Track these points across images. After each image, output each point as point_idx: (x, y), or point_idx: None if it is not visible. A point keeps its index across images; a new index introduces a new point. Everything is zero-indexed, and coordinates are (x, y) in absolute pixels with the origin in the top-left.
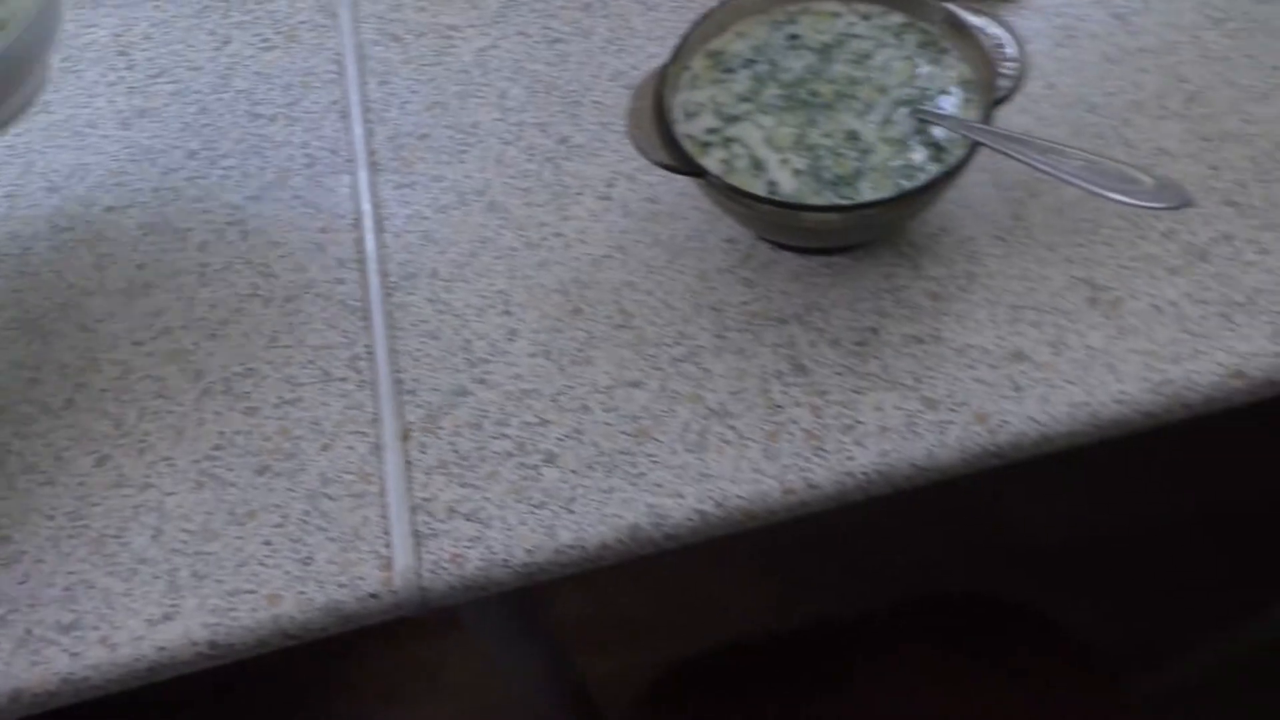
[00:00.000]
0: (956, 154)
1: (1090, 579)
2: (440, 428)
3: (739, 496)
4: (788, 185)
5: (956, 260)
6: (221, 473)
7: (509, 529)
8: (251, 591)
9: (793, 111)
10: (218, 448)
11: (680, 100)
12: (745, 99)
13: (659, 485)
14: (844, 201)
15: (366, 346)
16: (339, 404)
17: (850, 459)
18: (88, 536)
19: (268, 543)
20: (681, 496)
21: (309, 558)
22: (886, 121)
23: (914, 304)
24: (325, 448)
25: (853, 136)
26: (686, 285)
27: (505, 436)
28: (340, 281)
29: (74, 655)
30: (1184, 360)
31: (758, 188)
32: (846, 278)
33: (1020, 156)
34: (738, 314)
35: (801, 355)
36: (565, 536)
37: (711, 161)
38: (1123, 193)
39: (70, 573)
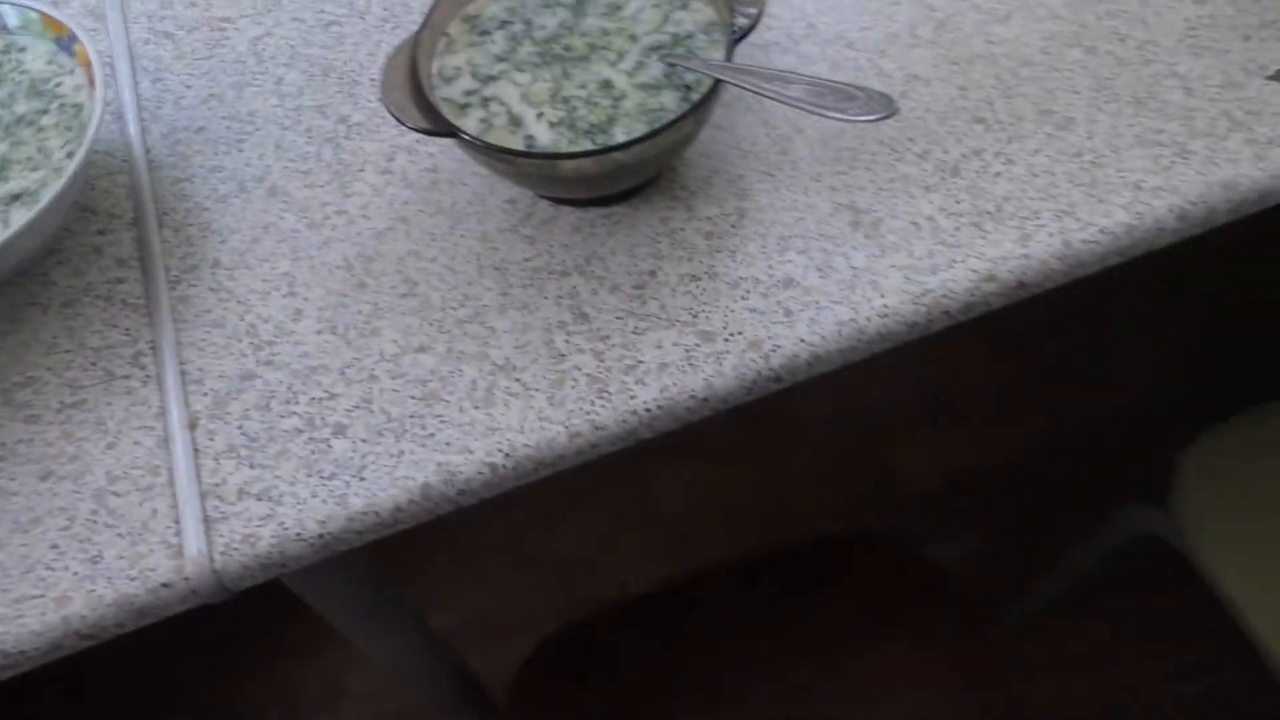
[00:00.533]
0: (703, 92)
1: (965, 517)
2: (228, 413)
3: (526, 445)
4: (544, 137)
5: (728, 199)
6: (4, 483)
7: (300, 503)
8: (39, 596)
9: (548, 66)
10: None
11: (437, 66)
12: (501, 59)
13: (448, 444)
14: (596, 147)
15: (150, 342)
16: (123, 402)
17: (633, 398)
18: None
19: (54, 546)
20: (471, 452)
21: (97, 556)
22: (638, 68)
23: (689, 244)
24: (110, 446)
25: (606, 85)
26: (469, 248)
27: (294, 414)
28: (120, 281)
29: None
30: (940, 270)
31: (515, 143)
32: (624, 226)
33: (752, 87)
34: (520, 271)
35: (583, 304)
36: (357, 504)
37: (470, 122)
38: (839, 110)
39: None
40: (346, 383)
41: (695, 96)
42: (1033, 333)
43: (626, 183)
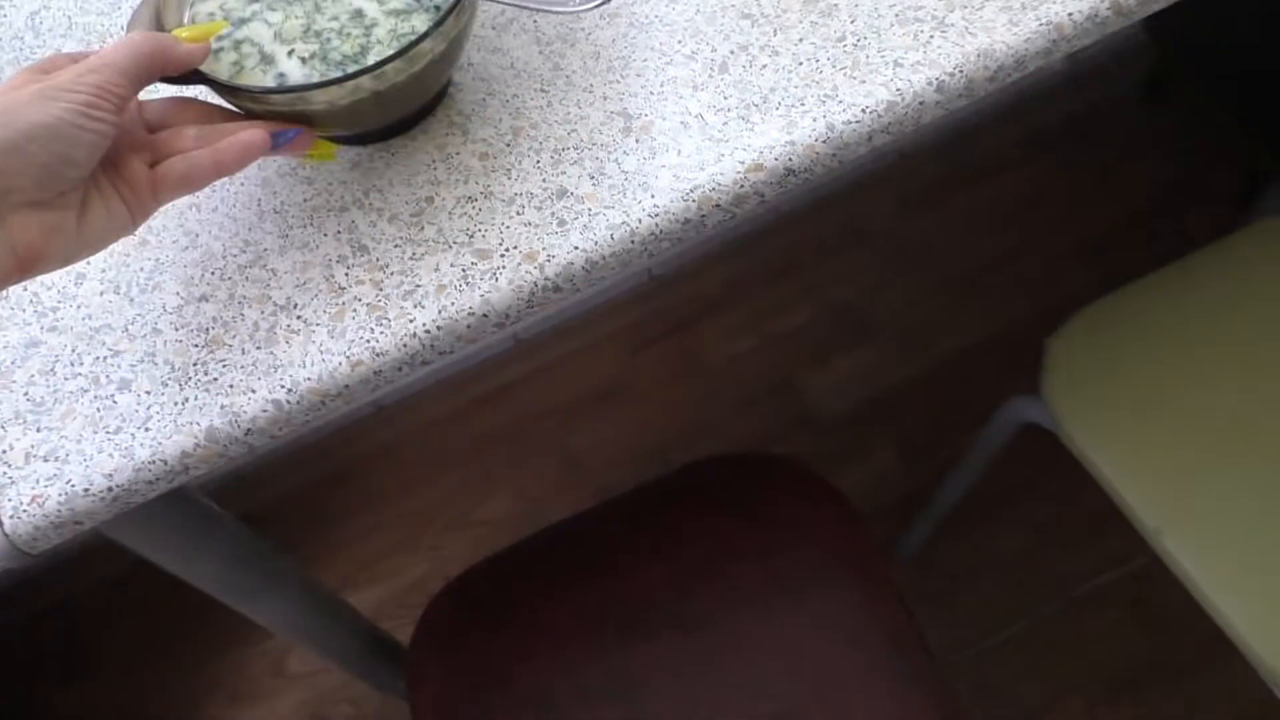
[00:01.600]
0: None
1: (878, 438)
2: (13, 382)
3: (309, 379)
4: (296, 74)
5: (503, 119)
6: None
7: (87, 459)
8: None
9: (300, 3)
10: None
11: (189, 15)
12: (254, 0)
13: (231, 386)
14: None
15: None
16: None
17: (411, 321)
18: None
19: None
20: (254, 391)
21: None
22: None
23: (466, 167)
24: None
25: (358, 15)
26: (250, 195)
27: (79, 375)
28: None
29: None
30: (709, 166)
31: (267, 82)
32: (401, 157)
33: None
34: (299, 212)
35: (362, 237)
36: (143, 454)
37: (222, 67)
38: (560, 4)
39: None
40: (130, 339)
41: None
42: (932, 244)
43: (395, 114)
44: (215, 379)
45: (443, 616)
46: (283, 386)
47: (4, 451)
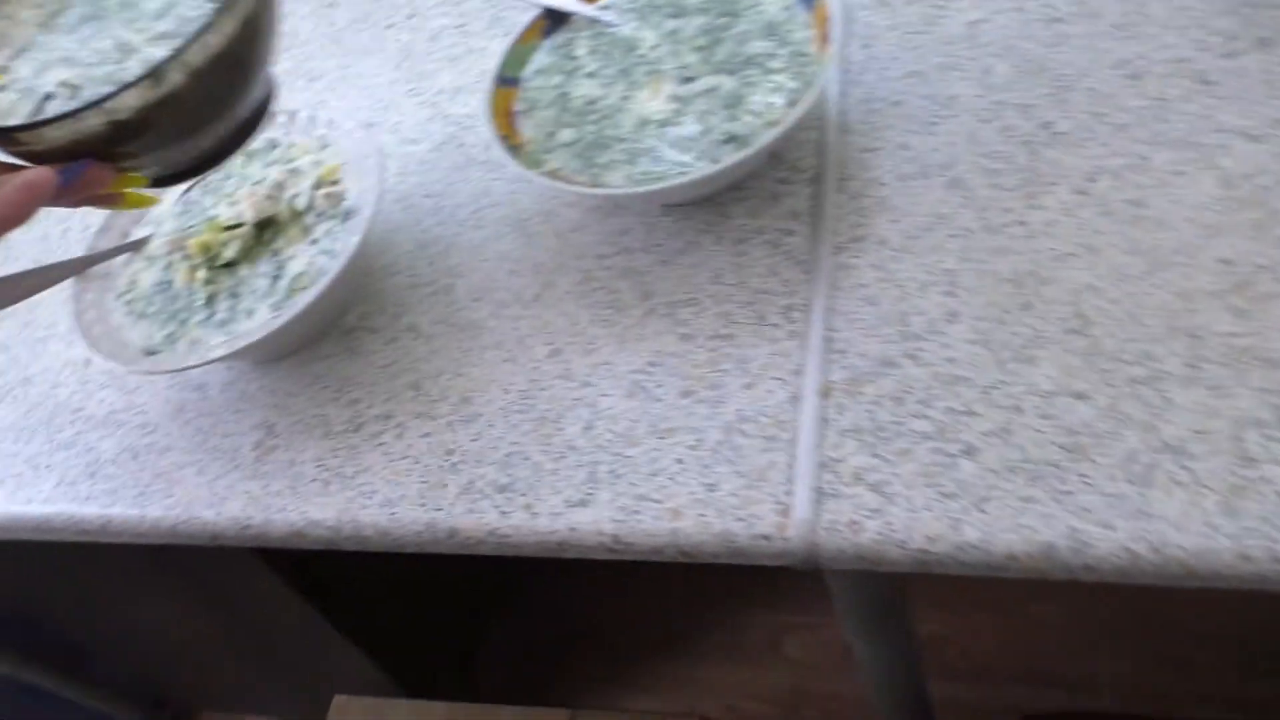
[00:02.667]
0: None
1: None
2: (861, 393)
3: (1181, 547)
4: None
5: None
6: (651, 387)
7: (913, 511)
8: (658, 501)
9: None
10: (652, 364)
11: None
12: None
13: (1086, 510)
14: None
15: (804, 300)
16: (767, 348)
17: None
18: (532, 414)
19: (680, 460)
20: (1111, 528)
21: (714, 485)
22: None
23: None
24: (748, 386)
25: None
26: (1162, 303)
27: (926, 417)
28: (789, 233)
29: (503, 514)
30: None
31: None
32: None
33: None
34: (1221, 346)
35: None
36: (971, 534)
37: None
38: None
39: (513, 442)
40: (988, 404)
41: None
42: None
43: (186, 132)
44: (1070, 493)
45: None
46: (1146, 539)
47: (836, 460)
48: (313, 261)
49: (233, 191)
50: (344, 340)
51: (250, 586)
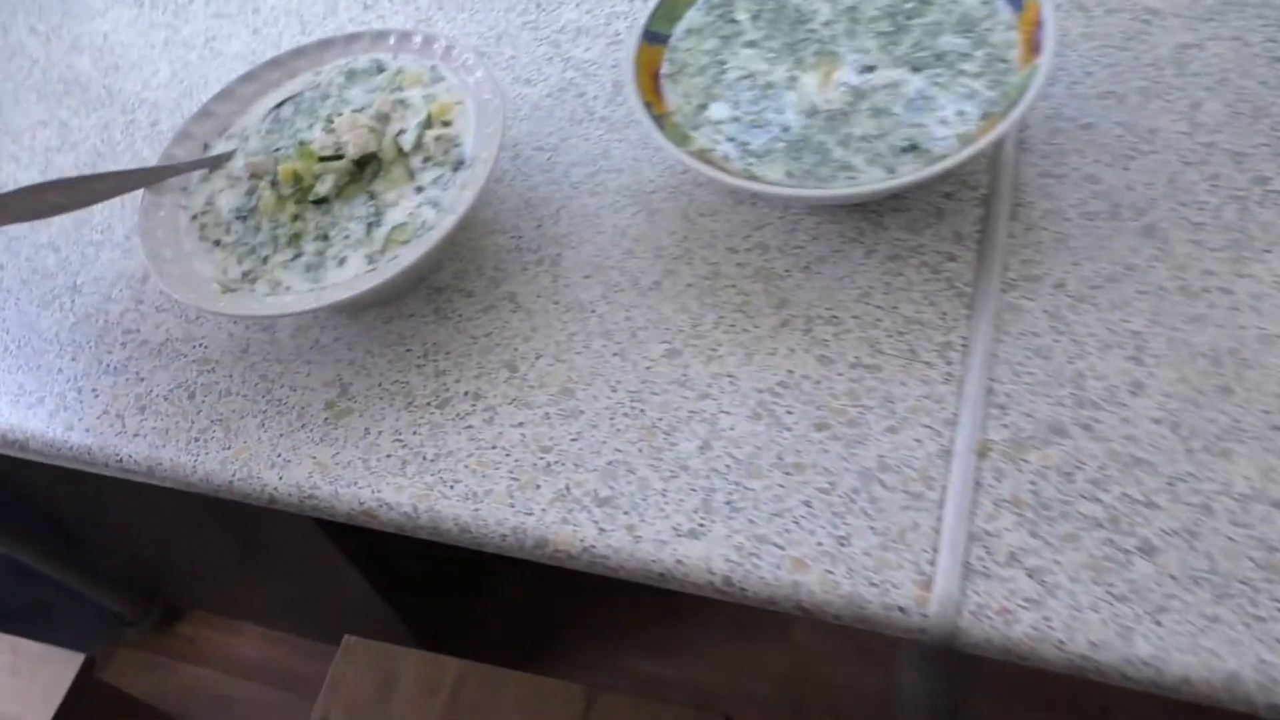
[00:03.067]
0: None
1: None
2: (1024, 460)
3: None
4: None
5: None
6: (780, 413)
7: (1076, 609)
8: (780, 546)
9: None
10: (783, 385)
11: None
12: None
13: None
14: None
15: (963, 338)
16: (917, 389)
17: None
18: (641, 422)
19: (808, 504)
20: None
21: (846, 538)
22: None
23: None
24: (892, 430)
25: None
26: None
27: (1098, 501)
28: (951, 257)
29: (601, 530)
30: None
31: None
32: None
33: None
34: None
35: None
36: (1143, 648)
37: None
38: None
39: (617, 449)
40: (1172, 498)
41: None
42: None
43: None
44: (1263, 619)
45: None
46: None
47: (989, 533)
48: (416, 213)
49: (330, 114)
50: (433, 300)
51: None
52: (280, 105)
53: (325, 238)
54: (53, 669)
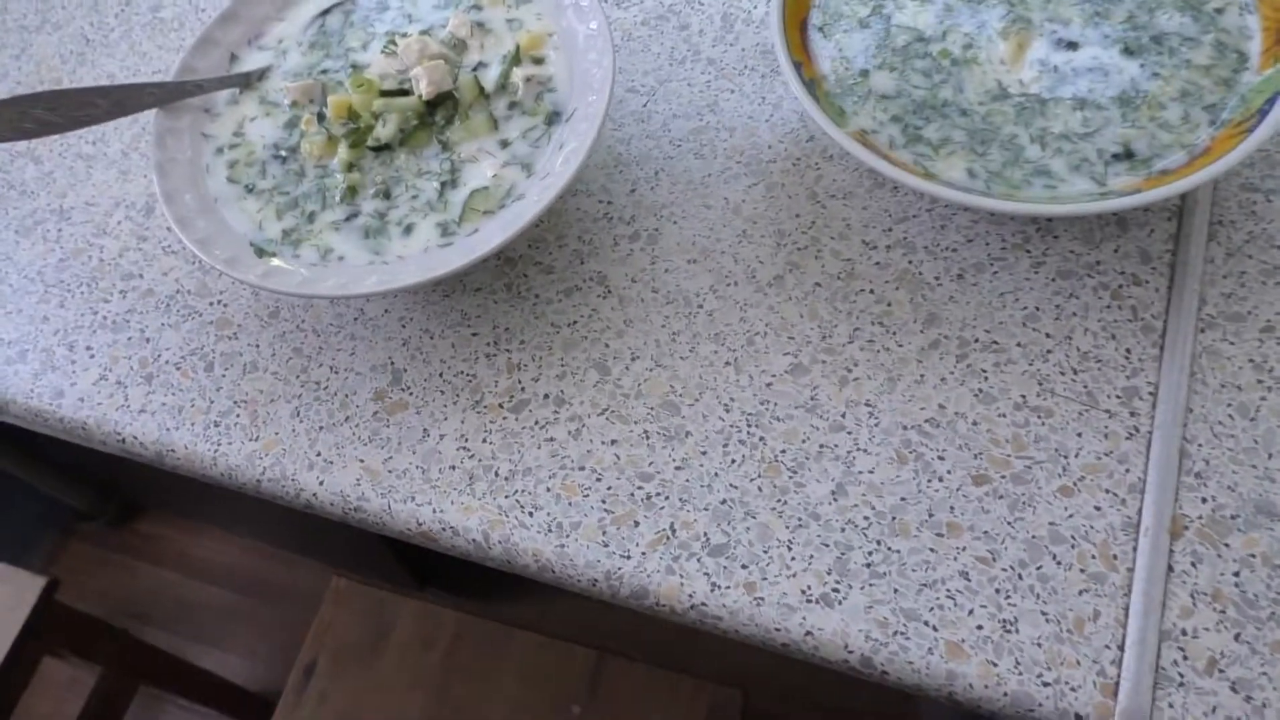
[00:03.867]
0: None
1: None
2: (1226, 544)
3: None
4: None
5: None
6: (930, 457)
7: None
8: (932, 627)
9: None
10: (932, 422)
11: None
12: None
13: None
14: None
15: (1151, 384)
16: (1096, 442)
17: None
18: (761, 453)
19: (965, 575)
20: None
21: (1011, 623)
22: None
23: None
24: (1065, 491)
25: None
26: None
27: None
28: (1138, 281)
29: (715, 586)
30: None
31: None
32: None
33: None
34: None
35: None
36: None
37: None
38: None
39: (732, 485)
40: None
41: None
42: None
43: None
44: None
45: None
46: None
47: (1184, 632)
48: (501, 175)
49: (390, 32)
50: (504, 273)
51: None
52: (327, 12)
53: (387, 195)
54: (10, 590)
